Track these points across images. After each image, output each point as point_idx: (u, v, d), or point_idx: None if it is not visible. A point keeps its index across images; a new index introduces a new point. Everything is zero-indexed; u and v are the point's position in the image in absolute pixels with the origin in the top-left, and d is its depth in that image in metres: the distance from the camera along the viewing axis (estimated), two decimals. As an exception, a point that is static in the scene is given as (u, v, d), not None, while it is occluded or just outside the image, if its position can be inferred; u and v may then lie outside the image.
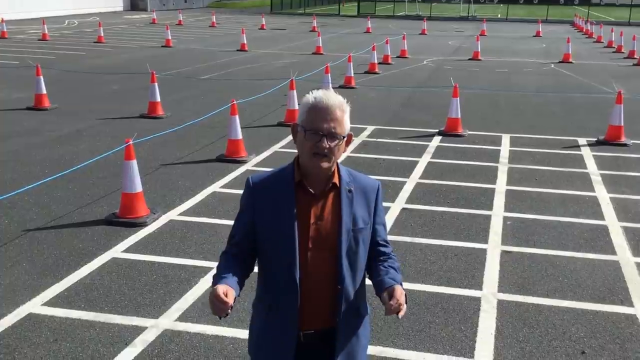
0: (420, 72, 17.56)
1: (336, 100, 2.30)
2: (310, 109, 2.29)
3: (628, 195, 7.46)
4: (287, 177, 2.36)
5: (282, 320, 2.36)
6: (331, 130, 2.27)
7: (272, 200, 2.35)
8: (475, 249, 5.91)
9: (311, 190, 2.35)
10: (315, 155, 2.27)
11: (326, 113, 2.26)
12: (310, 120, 2.27)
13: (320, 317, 2.38)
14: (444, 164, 8.68)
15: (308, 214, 2.33)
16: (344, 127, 2.30)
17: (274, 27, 32.39)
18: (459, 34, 30.62)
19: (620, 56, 22.04)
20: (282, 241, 2.31)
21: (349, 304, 2.39)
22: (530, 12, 46.85)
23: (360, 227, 2.38)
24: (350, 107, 2.40)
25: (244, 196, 2.44)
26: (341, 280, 2.35)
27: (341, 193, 2.37)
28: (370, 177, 2.55)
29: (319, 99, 2.28)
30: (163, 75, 15.47)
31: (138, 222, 6.34)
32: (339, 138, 2.29)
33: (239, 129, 8.70)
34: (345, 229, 2.34)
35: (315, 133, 2.26)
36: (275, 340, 2.37)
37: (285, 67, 17.33)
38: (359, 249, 2.39)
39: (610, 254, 5.84)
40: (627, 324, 4.64)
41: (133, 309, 4.75)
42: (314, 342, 2.40)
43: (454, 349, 4.28)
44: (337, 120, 2.28)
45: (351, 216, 2.36)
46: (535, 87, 15.21)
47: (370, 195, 2.44)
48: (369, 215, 2.42)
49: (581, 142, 9.91)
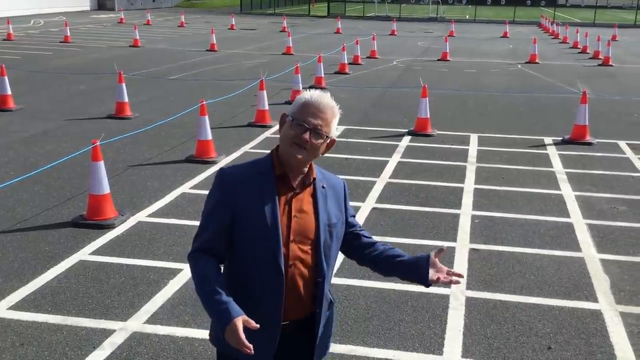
0: (390, 72, 17.67)
1: (330, 102, 2.41)
2: (303, 103, 2.38)
3: (593, 193, 7.61)
4: (267, 171, 2.40)
5: (265, 313, 2.36)
6: (317, 126, 2.36)
7: (254, 193, 2.36)
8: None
9: (293, 185, 2.41)
10: (294, 144, 2.35)
11: (317, 110, 2.37)
12: (300, 113, 2.37)
13: (300, 307, 2.44)
14: (414, 163, 8.75)
15: (289, 208, 2.39)
16: (330, 128, 2.40)
17: (244, 27, 32.28)
18: (428, 34, 30.89)
19: (585, 57, 22.47)
20: (265, 234, 2.34)
21: (325, 295, 2.50)
22: (498, 13, 47.48)
23: (334, 222, 2.48)
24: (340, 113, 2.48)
25: (217, 190, 2.41)
26: (322, 272, 2.45)
27: (317, 189, 2.45)
28: (335, 175, 2.65)
29: (314, 97, 2.39)
30: (131, 75, 15.29)
31: (106, 224, 6.26)
32: (322, 137, 2.38)
33: (208, 130, 8.66)
34: (323, 223, 2.43)
35: (301, 125, 2.35)
36: (258, 333, 2.31)
37: (255, 68, 17.28)
38: (333, 243, 2.49)
39: (576, 250, 5.96)
40: (592, 319, 4.74)
41: (101, 312, 4.69)
42: (294, 331, 2.46)
43: (423, 346, 4.33)
44: (326, 120, 2.38)
45: (326, 211, 2.45)
46: (502, 88, 15.43)
47: (340, 193, 2.56)
48: (340, 211, 2.53)
49: (547, 142, 10.08)
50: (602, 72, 18.55)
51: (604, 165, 8.79)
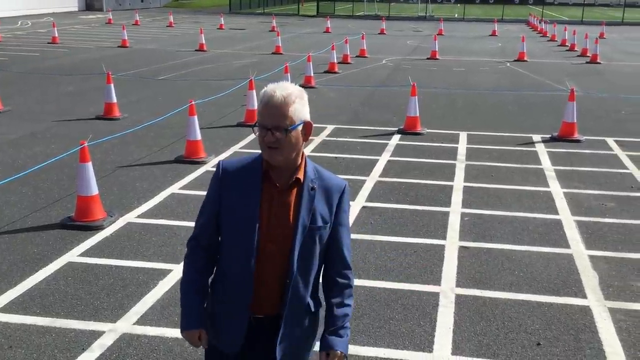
0: (379, 71, 17.69)
1: (280, 94, 2.31)
2: (262, 102, 2.35)
3: (581, 190, 7.65)
4: (256, 167, 2.42)
5: (235, 304, 2.45)
6: (275, 123, 2.30)
7: (240, 187, 2.41)
8: (434, 245, 5.99)
9: (276, 183, 2.39)
10: (267, 148, 2.34)
11: (270, 108, 2.31)
12: (259, 115, 2.35)
13: (270, 305, 2.45)
14: (404, 162, 8.77)
15: (270, 206, 2.39)
16: (291, 118, 2.31)
17: (233, 27, 32.21)
18: (417, 33, 30.95)
19: (573, 54, 22.59)
20: (242, 228, 2.38)
21: (297, 298, 2.45)
22: (487, 11, 47.66)
23: (319, 226, 2.41)
24: (306, 94, 2.43)
25: (212, 182, 2.51)
26: (290, 274, 2.40)
27: (303, 189, 2.40)
28: (338, 177, 2.57)
29: (266, 94, 2.33)
30: (119, 76, 15.23)
31: (94, 226, 6.23)
32: (285, 130, 2.30)
33: (197, 130, 8.63)
34: (302, 225, 2.38)
35: (262, 127, 2.33)
36: (227, 322, 2.48)
37: (244, 67, 17.25)
38: (315, 247, 2.43)
39: (564, 247, 5.99)
40: (581, 315, 4.76)
41: (90, 314, 4.67)
42: (263, 326, 2.48)
43: (413, 344, 4.34)
44: (283, 114, 2.30)
45: (310, 213, 2.39)
46: (491, 86, 15.48)
47: (334, 195, 2.46)
48: (330, 214, 2.44)
49: (536, 139, 10.13)
50: (590, 70, 18.66)
51: (592, 162, 8.84)
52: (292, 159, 2.37)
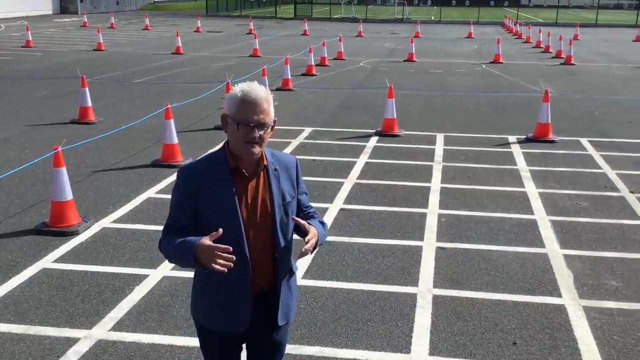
0: (357, 73, 17.74)
1: (262, 92, 2.53)
2: (239, 102, 2.51)
3: (555, 190, 7.74)
4: (222, 164, 2.58)
5: (236, 292, 2.61)
6: (260, 121, 2.51)
7: (212, 186, 2.56)
8: (412, 246, 6.02)
9: (246, 174, 2.58)
10: (247, 143, 2.52)
11: (255, 106, 2.50)
12: (240, 113, 2.50)
13: (264, 281, 2.67)
14: (381, 163, 8.80)
15: (245, 195, 2.58)
16: (270, 116, 2.55)
17: (210, 30, 32.09)
18: (394, 36, 31.11)
19: (548, 56, 22.87)
20: (227, 222, 2.51)
21: (285, 266, 2.71)
22: (462, 14, 48.05)
23: (288, 201, 2.67)
24: (276, 100, 2.62)
25: (179, 186, 2.62)
26: (278, 249, 2.65)
27: (269, 173, 2.63)
28: (287, 153, 2.83)
29: (246, 92, 2.51)
30: (95, 79, 15.08)
31: (69, 231, 6.16)
32: (267, 127, 2.54)
33: (174, 133, 8.58)
34: (277, 203, 2.62)
35: (246, 125, 2.49)
36: (232, 307, 2.64)
37: (221, 70, 17.19)
38: (289, 219, 2.68)
39: (539, 247, 6.05)
40: (556, 314, 4.81)
41: (65, 320, 4.61)
42: (261, 300, 2.69)
43: (391, 346, 4.35)
44: (264, 110, 2.52)
45: (280, 192, 2.64)
46: (467, 88, 15.61)
47: (292, 171, 2.72)
48: (293, 188, 2.71)
49: (511, 140, 10.23)
50: (564, 71, 18.90)
51: (566, 163, 8.96)
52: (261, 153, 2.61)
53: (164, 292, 5.05)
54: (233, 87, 2.57)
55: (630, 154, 9.47)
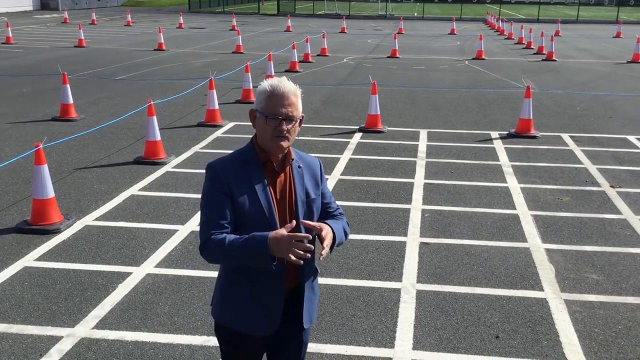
0: (340, 70, 17.75)
1: (290, 86, 2.57)
2: (268, 96, 2.53)
3: (537, 185, 7.81)
4: (252, 159, 2.59)
5: (269, 287, 2.59)
6: (289, 114, 2.53)
7: (245, 180, 2.55)
8: (395, 242, 6.04)
9: (275, 168, 2.60)
10: (275, 137, 2.53)
11: (283, 99, 2.53)
12: (269, 106, 2.52)
13: (291, 279, 2.66)
14: (365, 160, 8.82)
15: (275, 189, 2.60)
16: (298, 110, 2.58)
17: (193, 26, 31.91)
18: (378, 32, 31.15)
19: (529, 52, 23.03)
20: (263, 217, 2.53)
21: (309, 265, 2.68)
22: (445, 10, 48.24)
23: (313, 198, 2.67)
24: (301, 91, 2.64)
25: (212, 182, 2.56)
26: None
27: (293, 169, 2.65)
28: (311, 155, 2.84)
29: (275, 86, 2.54)
30: (76, 76, 14.95)
31: (51, 229, 6.10)
32: (295, 120, 2.57)
33: (157, 130, 8.53)
34: (300, 199, 2.63)
35: (275, 118, 2.51)
36: (263, 306, 2.60)
37: (204, 67, 17.11)
38: (313, 216, 2.68)
39: (522, 241, 6.11)
40: (538, 307, 4.86)
41: (48, 319, 4.58)
42: (289, 300, 2.68)
43: (375, 341, 4.37)
44: (293, 104, 2.55)
45: (304, 188, 2.65)
46: (450, 84, 15.68)
47: (316, 171, 2.75)
48: (317, 187, 2.71)
49: (493, 136, 10.30)
50: (546, 67, 19.05)
51: (548, 158, 9.04)
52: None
53: (147, 290, 5.03)
54: (262, 83, 2.58)
55: (611, 149, 9.58)
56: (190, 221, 6.35)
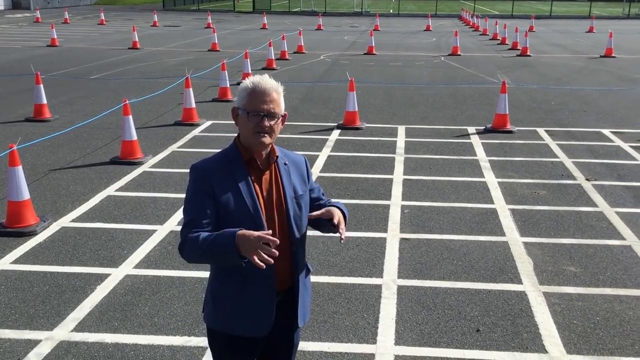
0: (317, 67, 17.74)
1: (272, 83, 2.57)
2: (249, 93, 2.53)
3: (514, 179, 7.89)
4: (236, 158, 2.59)
5: (260, 287, 2.57)
6: (270, 110, 2.53)
7: (229, 179, 2.55)
8: (376, 238, 6.06)
9: (260, 166, 2.60)
10: (257, 133, 2.53)
11: (264, 95, 2.53)
12: (250, 103, 2.53)
13: (284, 279, 2.64)
14: (344, 156, 8.82)
15: (260, 187, 2.60)
16: (280, 107, 2.58)
17: (167, 24, 31.64)
18: (354, 29, 31.19)
19: (504, 48, 23.24)
20: (248, 215, 2.51)
21: (301, 263, 2.70)
22: (420, 7, 48.46)
23: (300, 194, 2.68)
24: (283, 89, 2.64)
25: (195, 183, 2.57)
26: (295, 241, 2.64)
27: (279, 166, 2.66)
28: (296, 152, 2.85)
29: (257, 83, 2.55)
30: (49, 76, 14.74)
31: (27, 231, 6.01)
32: (277, 117, 2.57)
33: (133, 130, 8.44)
34: (289, 196, 2.63)
35: (257, 114, 2.52)
36: (256, 307, 2.59)
37: (180, 65, 16.98)
38: (302, 213, 2.69)
39: (500, 235, 6.16)
40: (517, 300, 4.91)
41: (25, 322, 4.51)
42: (282, 300, 2.66)
43: (357, 337, 4.37)
44: (275, 101, 2.55)
45: (291, 185, 2.66)
46: (427, 80, 15.76)
47: (302, 167, 2.76)
48: (304, 183, 2.72)
49: (470, 131, 10.37)
50: (520, 62, 19.24)
51: (524, 152, 9.13)
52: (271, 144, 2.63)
53: (126, 291, 4.98)
54: (244, 81, 2.59)
55: (586, 142, 9.70)
56: (168, 221, 6.29)
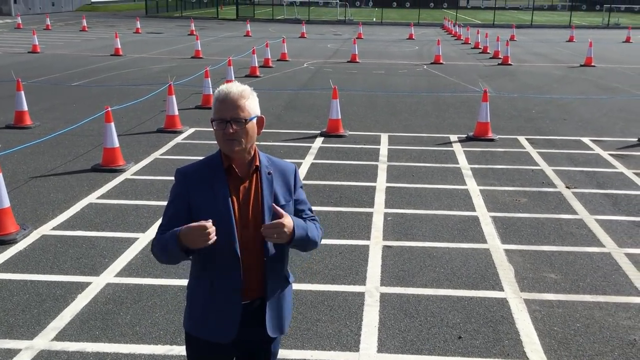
0: (301, 74, 17.77)
1: (235, 89, 2.57)
2: (215, 101, 2.58)
3: (496, 187, 7.96)
4: (217, 164, 2.62)
5: (226, 294, 2.60)
6: (234, 116, 2.54)
7: (206, 185, 2.59)
8: (359, 245, 6.07)
9: (239, 174, 2.61)
10: (226, 141, 2.55)
11: (227, 102, 2.55)
12: (216, 111, 2.56)
13: (255, 288, 2.64)
14: (327, 164, 8.84)
15: (238, 195, 2.60)
16: (247, 111, 2.57)
17: (150, 31, 31.54)
18: (337, 37, 31.31)
19: (486, 56, 23.46)
20: (220, 221, 2.51)
21: (275, 274, 2.68)
22: (403, 15, 48.78)
23: (282, 204, 2.65)
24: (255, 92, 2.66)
25: (175, 187, 2.65)
26: (266, 252, 2.62)
27: (261, 175, 2.65)
28: (286, 160, 2.84)
29: (220, 90, 2.58)
30: (30, 82, 14.62)
31: (6, 240, 5.94)
32: (243, 122, 2.55)
33: (115, 137, 8.39)
34: (267, 206, 2.61)
35: (221, 121, 2.54)
36: (221, 314, 2.61)
37: (163, 72, 16.93)
38: None
39: (482, 242, 6.21)
40: (499, 307, 4.95)
41: (5, 332, 4.45)
42: (252, 309, 2.66)
43: (340, 345, 4.38)
44: (239, 106, 2.55)
45: (272, 195, 2.64)
46: (409, 88, 15.86)
47: (289, 176, 2.74)
48: (289, 193, 2.71)
49: (452, 139, 10.45)
50: (502, 71, 19.43)
51: (505, 160, 9.21)
52: (249, 149, 2.62)
53: (107, 300, 4.94)
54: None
55: (566, 150, 9.82)
56: (150, 229, 6.25)
